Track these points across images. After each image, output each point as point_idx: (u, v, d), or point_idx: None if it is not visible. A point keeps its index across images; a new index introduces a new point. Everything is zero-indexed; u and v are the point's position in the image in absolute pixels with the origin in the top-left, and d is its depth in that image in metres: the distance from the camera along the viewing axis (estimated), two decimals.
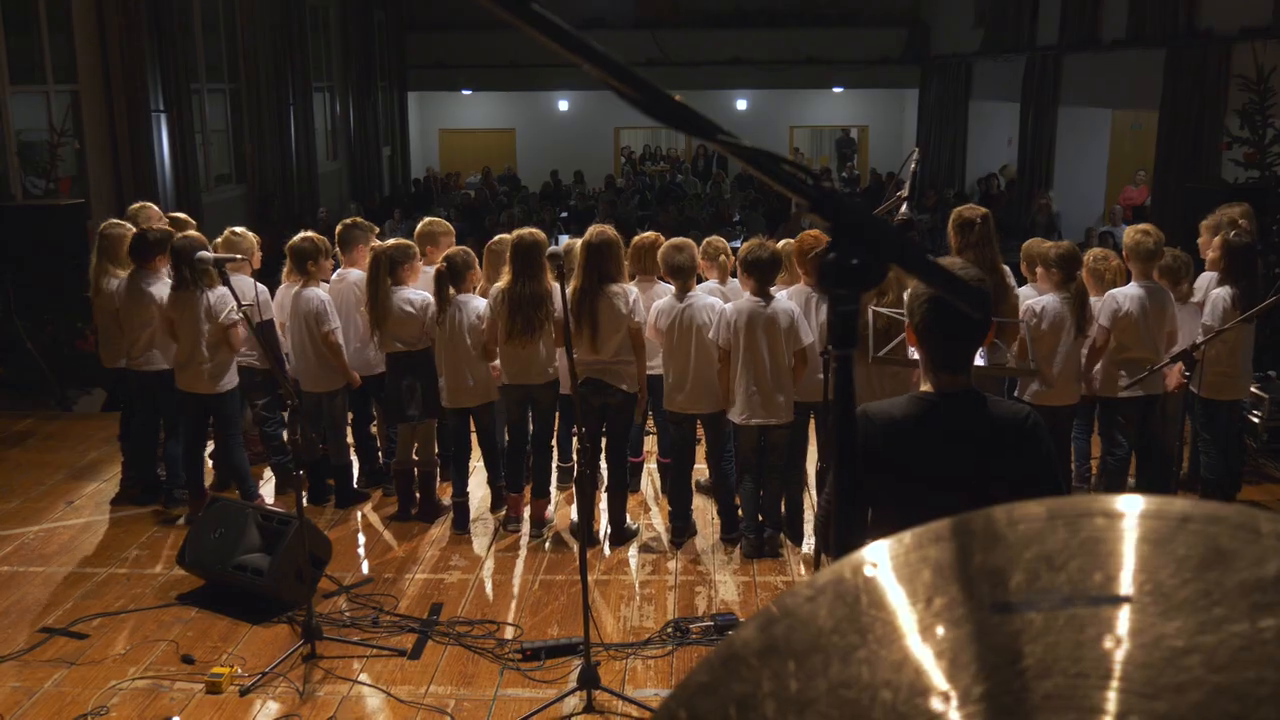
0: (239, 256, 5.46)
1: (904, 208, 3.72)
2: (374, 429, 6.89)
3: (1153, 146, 13.13)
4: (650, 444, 7.03)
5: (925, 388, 2.80)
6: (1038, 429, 2.74)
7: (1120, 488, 6.11)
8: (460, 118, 25.14)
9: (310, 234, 6.29)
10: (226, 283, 4.46)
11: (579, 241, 5.86)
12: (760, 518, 5.77)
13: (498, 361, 5.92)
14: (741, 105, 24.81)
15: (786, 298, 5.56)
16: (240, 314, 4.76)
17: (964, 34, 19.80)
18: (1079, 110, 16.00)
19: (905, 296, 4.31)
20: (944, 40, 21.42)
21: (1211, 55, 11.56)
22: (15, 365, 8.45)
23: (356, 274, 6.40)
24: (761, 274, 5.39)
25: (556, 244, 16.78)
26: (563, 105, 24.70)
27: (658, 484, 6.72)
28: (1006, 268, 5.78)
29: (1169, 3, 12.49)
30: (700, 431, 5.97)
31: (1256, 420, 7.22)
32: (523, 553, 5.88)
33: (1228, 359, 6.07)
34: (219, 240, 6.48)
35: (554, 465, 6.63)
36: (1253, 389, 7.26)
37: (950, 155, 20.61)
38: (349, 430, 6.70)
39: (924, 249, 2.71)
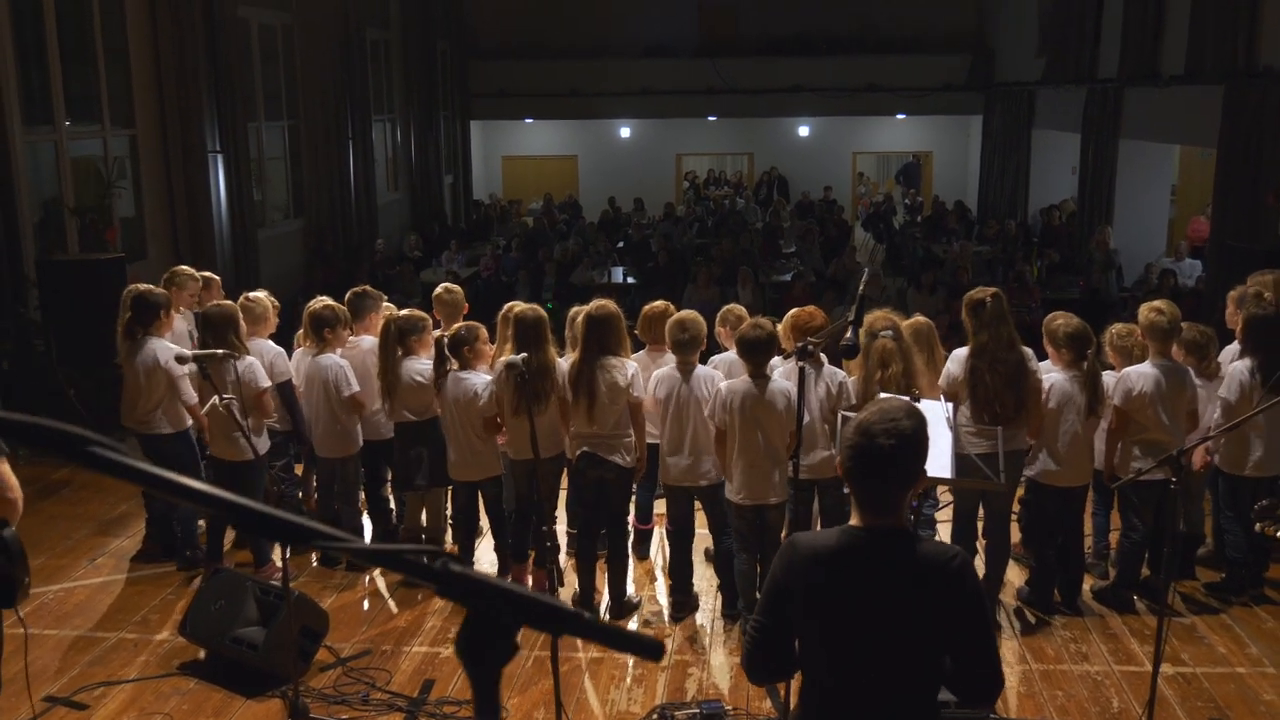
0: (220, 353, 5.54)
1: (848, 333, 3.67)
2: (388, 492, 6.96)
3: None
4: (661, 506, 7.00)
5: (855, 522, 2.77)
6: (965, 571, 2.68)
7: (1135, 570, 5.96)
8: (523, 144, 25.36)
9: (329, 301, 6.40)
10: (207, 378, 4.55)
11: (581, 312, 5.87)
12: (758, 596, 5.71)
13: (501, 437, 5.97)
14: (804, 132, 24.70)
15: (783, 376, 5.52)
16: (223, 405, 4.84)
17: (1027, 62, 19.49)
18: (1141, 143, 15.65)
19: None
20: (1008, 67, 21.10)
21: (1272, 94, 11.22)
22: (58, 413, 8.70)
23: (369, 341, 6.49)
24: (757, 355, 5.35)
25: (609, 276, 16.80)
26: (624, 132, 24.80)
27: (669, 551, 6.69)
28: (1028, 350, 5.67)
29: (1228, 38, 12.16)
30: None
31: None
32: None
33: (1252, 434, 5.88)
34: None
35: (564, 532, 6.68)
36: None
37: (1013, 185, 20.28)
38: (362, 493, 6.80)
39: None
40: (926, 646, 2.69)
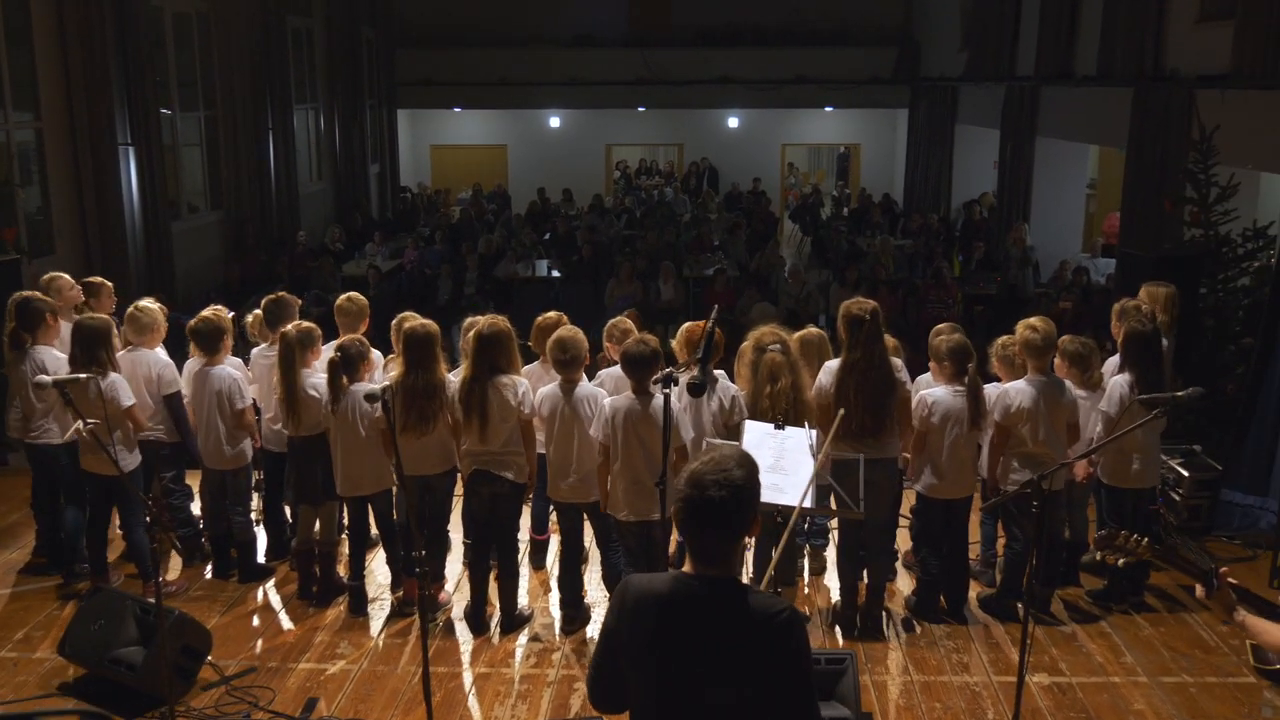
0: (83, 377, 5.45)
1: (696, 370, 3.70)
2: (286, 504, 6.89)
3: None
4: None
5: (688, 568, 2.78)
6: (790, 627, 2.68)
7: (1018, 579, 6.05)
8: (452, 134, 25.17)
9: (207, 314, 6.29)
10: (69, 403, 4.47)
11: (473, 328, 5.84)
12: None
13: None
14: (733, 123, 24.76)
15: (675, 395, 5.53)
16: (86, 430, 4.75)
17: (950, 57, 19.70)
18: (1058, 141, 15.90)
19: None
20: (933, 62, 21.31)
21: (1176, 98, 11.43)
22: None
23: None
24: (640, 371, 5.36)
25: (533, 270, 16.67)
26: (554, 122, 24.69)
27: (559, 565, 6.69)
28: (898, 360, 5.76)
29: (1136, 41, 12.38)
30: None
31: (1177, 498, 7.15)
32: (411, 639, 5.87)
33: (1130, 448, 6.01)
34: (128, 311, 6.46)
35: (460, 541, 6.70)
36: (1174, 464, 7.20)
37: (936, 178, 20.51)
38: (256, 505, 6.75)
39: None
40: (750, 698, 2.71)
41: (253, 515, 6.70)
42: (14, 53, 11.18)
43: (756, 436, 4.68)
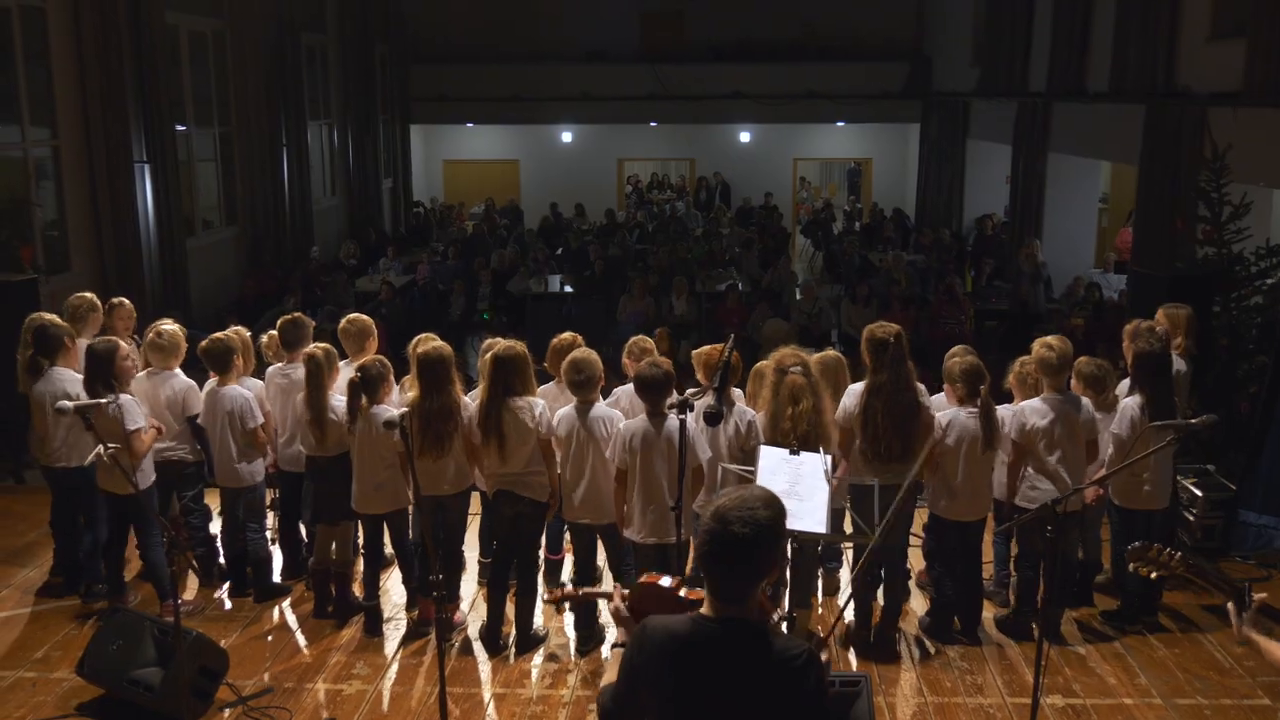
0: (104, 401, 5.51)
1: (712, 397, 3.72)
2: (302, 524, 6.92)
3: None
4: None
5: (706, 610, 2.79)
6: (808, 669, 2.70)
7: (1031, 597, 6.05)
8: (464, 148, 25.26)
9: (219, 335, 6.35)
10: (89, 427, 4.52)
11: (489, 351, 5.87)
12: None
13: None
14: (745, 137, 24.81)
15: (692, 418, 5.56)
16: (108, 455, 4.79)
17: (962, 72, 19.73)
18: (1070, 157, 15.90)
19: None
20: (944, 77, 21.34)
21: (1189, 115, 11.44)
22: None
23: (304, 371, 6.38)
24: (653, 393, 5.39)
25: (546, 285, 16.69)
26: (566, 137, 24.78)
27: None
28: (921, 385, 5.77)
29: (1149, 59, 12.39)
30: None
31: (1191, 518, 7.15)
32: (427, 659, 5.89)
33: (1141, 470, 6.01)
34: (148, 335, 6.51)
35: (476, 559, 6.75)
36: (1188, 483, 7.20)
37: (948, 194, 20.51)
38: (271, 525, 6.79)
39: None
40: None
41: (268, 534, 6.74)
42: (31, 70, 11.29)
43: (772, 462, 4.70)
